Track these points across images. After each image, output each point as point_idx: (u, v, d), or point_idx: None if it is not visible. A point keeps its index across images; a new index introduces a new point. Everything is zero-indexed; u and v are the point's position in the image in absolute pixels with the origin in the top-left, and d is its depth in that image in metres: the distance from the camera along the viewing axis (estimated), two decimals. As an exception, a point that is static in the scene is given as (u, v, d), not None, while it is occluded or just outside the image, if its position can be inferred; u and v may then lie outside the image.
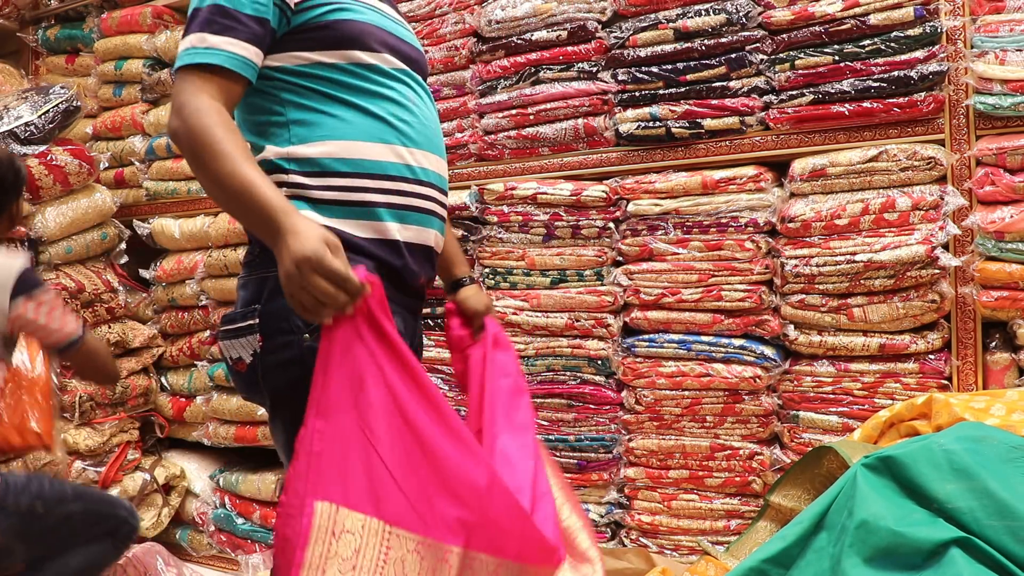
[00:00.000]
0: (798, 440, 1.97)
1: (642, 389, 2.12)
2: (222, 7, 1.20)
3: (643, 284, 2.10)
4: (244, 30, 1.20)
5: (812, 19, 1.90)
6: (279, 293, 1.24)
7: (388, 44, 1.34)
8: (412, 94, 1.36)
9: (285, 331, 1.26)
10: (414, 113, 1.34)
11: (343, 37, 1.29)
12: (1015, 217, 1.70)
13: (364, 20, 1.31)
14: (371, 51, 1.30)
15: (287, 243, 1.06)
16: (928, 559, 1.11)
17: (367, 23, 1.31)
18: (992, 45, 1.75)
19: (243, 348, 1.31)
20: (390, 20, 1.39)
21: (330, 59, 1.29)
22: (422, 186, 1.33)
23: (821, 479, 1.61)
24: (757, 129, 2.01)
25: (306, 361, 1.23)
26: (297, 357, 1.26)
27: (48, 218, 2.63)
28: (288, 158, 1.29)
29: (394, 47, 1.35)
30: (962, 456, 1.19)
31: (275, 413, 1.34)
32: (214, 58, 1.18)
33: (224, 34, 1.19)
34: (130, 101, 3.01)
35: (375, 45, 1.31)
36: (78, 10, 3.16)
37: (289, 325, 1.26)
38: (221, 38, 1.19)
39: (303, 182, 1.28)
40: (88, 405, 2.65)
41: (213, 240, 2.76)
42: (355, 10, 1.31)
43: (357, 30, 1.30)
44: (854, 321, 1.87)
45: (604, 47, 2.14)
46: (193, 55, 1.19)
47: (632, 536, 2.19)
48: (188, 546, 2.85)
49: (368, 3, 1.34)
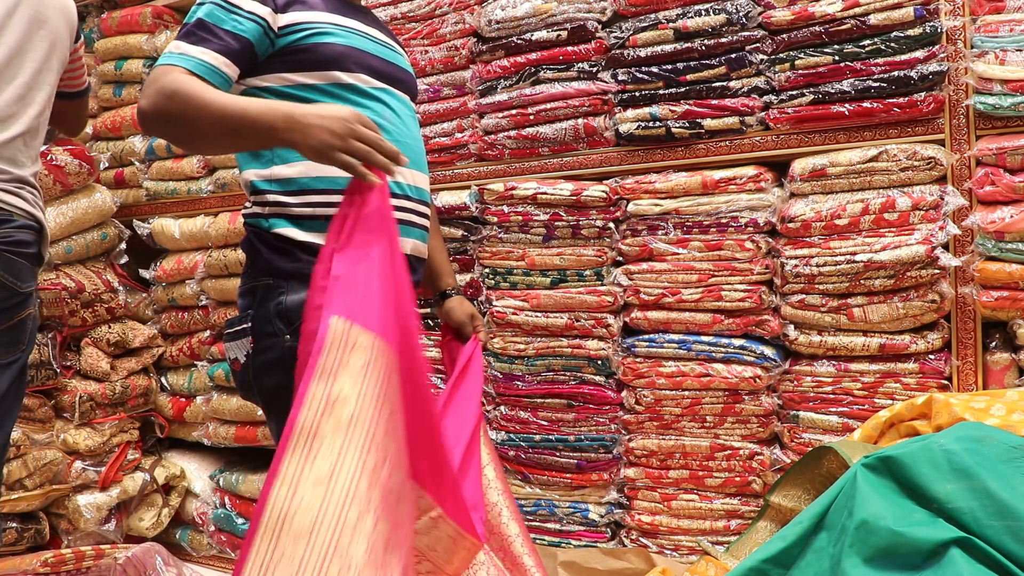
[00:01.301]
0: (798, 440, 1.97)
1: (642, 389, 2.12)
2: (203, 22, 1.34)
3: (643, 284, 2.10)
4: (218, 43, 1.33)
5: (812, 19, 1.90)
6: (266, 299, 1.40)
7: (368, 65, 1.46)
8: (389, 112, 1.48)
9: (270, 333, 1.38)
10: (388, 130, 1.45)
11: (323, 59, 1.41)
12: (1015, 217, 1.70)
13: (344, 43, 1.43)
14: (349, 71, 1.43)
15: (316, 114, 1.21)
16: (928, 559, 1.11)
17: (347, 46, 1.43)
18: (992, 45, 1.75)
19: (239, 350, 1.43)
20: (374, 43, 1.50)
21: (311, 80, 1.41)
22: (396, 199, 1.42)
23: (821, 479, 1.61)
24: (757, 129, 2.01)
25: (286, 362, 1.33)
26: (279, 358, 1.37)
27: (48, 218, 2.61)
28: (269, 179, 1.42)
29: (375, 68, 1.47)
30: (962, 456, 1.20)
31: (268, 411, 1.45)
32: (182, 61, 1.31)
33: (199, 44, 1.33)
34: (130, 101, 3.01)
35: (352, 66, 1.43)
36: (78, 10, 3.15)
37: (272, 328, 1.38)
38: (195, 47, 1.32)
39: (282, 200, 1.41)
40: (88, 405, 2.65)
41: (213, 240, 2.76)
42: (335, 34, 1.42)
43: (337, 52, 1.42)
44: (854, 321, 1.87)
45: (604, 47, 2.14)
46: (165, 58, 1.33)
47: (632, 536, 2.19)
48: (188, 546, 2.85)
49: (350, 27, 1.46)
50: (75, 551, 2.43)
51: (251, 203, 1.47)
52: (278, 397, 1.39)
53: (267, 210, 1.42)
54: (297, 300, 1.36)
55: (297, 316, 1.35)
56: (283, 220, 1.41)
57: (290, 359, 1.32)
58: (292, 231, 1.40)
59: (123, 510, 2.76)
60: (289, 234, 1.40)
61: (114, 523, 2.68)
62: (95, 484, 2.64)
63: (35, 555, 2.40)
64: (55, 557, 2.38)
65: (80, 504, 2.60)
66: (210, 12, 1.35)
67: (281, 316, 1.38)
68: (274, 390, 1.40)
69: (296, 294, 1.37)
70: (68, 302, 2.64)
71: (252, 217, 1.46)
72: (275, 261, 1.40)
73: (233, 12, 1.35)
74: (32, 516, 2.56)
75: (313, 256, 1.37)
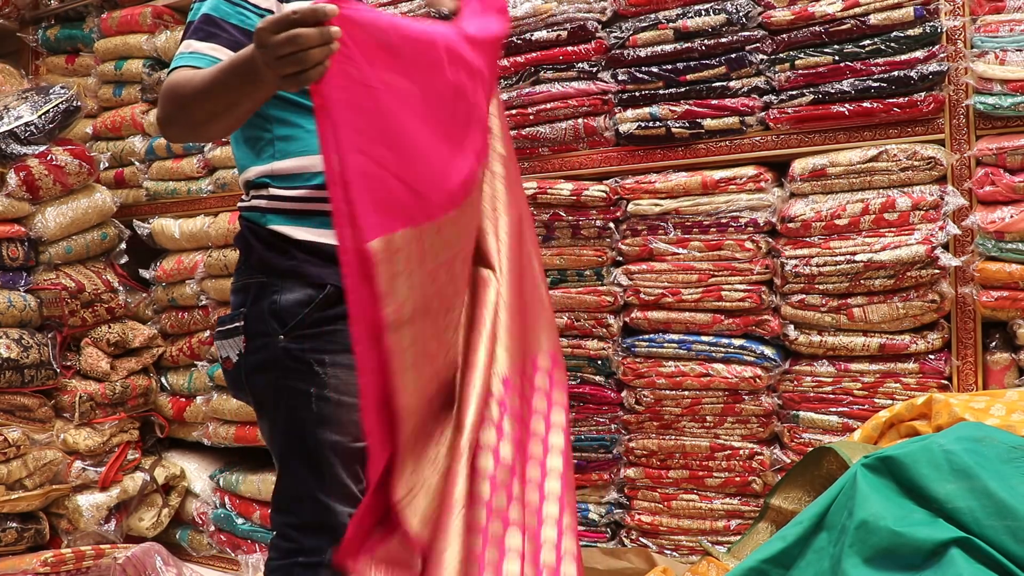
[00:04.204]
0: (798, 440, 1.97)
1: (642, 389, 2.12)
2: (210, 16, 1.34)
3: (643, 284, 2.10)
4: (227, 37, 1.33)
5: (812, 19, 1.90)
6: (260, 297, 1.38)
7: None
8: None
9: (263, 333, 1.37)
10: None
11: None
12: (1015, 217, 1.70)
13: None
14: None
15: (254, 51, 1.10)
16: (928, 559, 1.11)
17: None
18: (992, 45, 1.75)
19: (231, 348, 1.42)
20: None
21: None
22: None
23: (821, 480, 1.61)
24: (757, 129, 2.01)
25: (280, 362, 1.35)
26: (272, 358, 1.36)
27: (48, 218, 2.62)
28: (270, 174, 1.41)
29: None
30: (962, 456, 1.19)
31: (260, 411, 1.45)
32: (194, 60, 1.30)
33: (208, 40, 1.32)
34: (130, 101, 3.01)
35: None
36: (78, 10, 3.15)
37: (266, 327, 1.37)
38: (204, 44, 1.32)
39: (281, 194, 1.40)
40: (88, 405, 2.65)
41: (213, 240, 2.76)
42: None
43: None
44: (854, 321, 1.87)
45: (604, 47, 2.14)
46: (179, 59, 1.32)
47: (632, 536, 2.19)
48: (188, 546, 2.85)
49: None
50: (75, 551, 2.43)
51: (249, 197, 1.46)
52: (270, 397, 1.40)
53: (264, 204, 1.41)
54: (292, 300, 1.36)
55: (291, 316, 1.36)
56: (279, 216, 1.40)
57: (284, 359, 1.34)
58: (288, 228, 1.39)
59: (123, 510, 2.76)
60: (285, 231, 1.39)
61: (114, 523, 2.68)
62: (95, 484, 2.64)
63: (35, 555, 2.40)
64: (55, 557, 2.38)
65: (80, 504, 2.60)
66: (215, 6, 1.34)
67: (275, 315, 1.36)
68: (266, 390, 1.39)
69: (291, 293, 1.36)
70: (68, 302, 2.64)
71: (248, 212, 1.44)
72: (270, 258, 1.39)
73: (238, 5, 1.34)
74: (32, 516, 2.56)
75: (309, 254, 1.37)
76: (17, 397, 2.51)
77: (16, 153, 2.54)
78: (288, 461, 1.42)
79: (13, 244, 2.56)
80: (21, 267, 2.60)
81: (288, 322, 1.36)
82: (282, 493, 1.44)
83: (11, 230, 2.55)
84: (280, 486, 1.45)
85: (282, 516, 1.43)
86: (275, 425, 1.43)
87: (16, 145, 2.55)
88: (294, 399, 1.37)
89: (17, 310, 2.53)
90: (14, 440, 2.45)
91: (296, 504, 1.40)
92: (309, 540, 1.38)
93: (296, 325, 1.36)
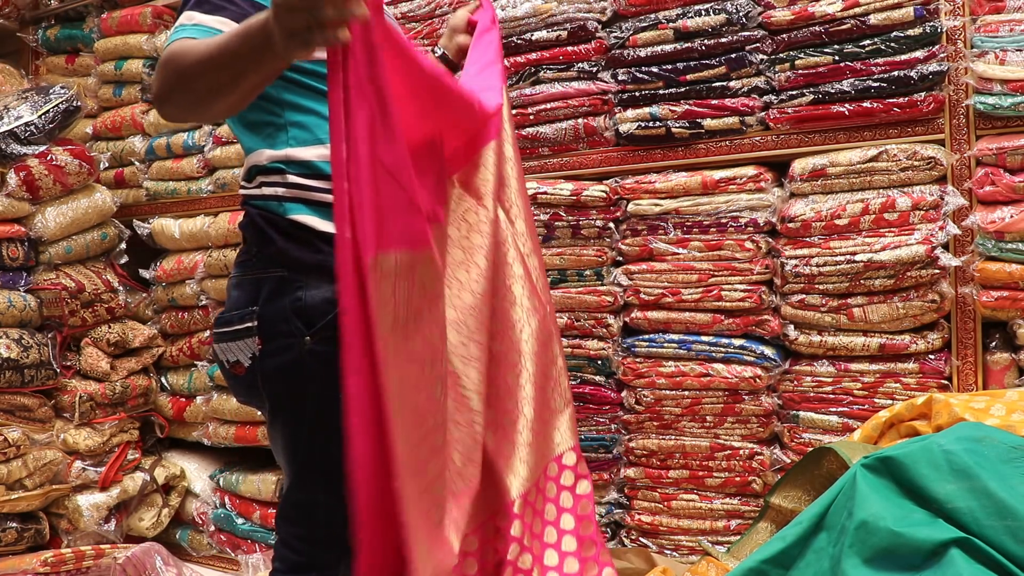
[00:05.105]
0: (798, 440, 1.97)
1: (642, 389, 2.12)
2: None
3: (643, 284, 2.10)
4: (235, 10, 1.19)
5: (812, 19, 1.90)
6: (278, 294, 1.25)
7: None
8: None
9: (285, 333, 1.24)
10: None
11: None
12: (1015, 217, 1.70)
13: None
14: None
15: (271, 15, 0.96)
16: (928, 559, 1.11)
17: None
18: (992, 45, 1.75)
19: (241, 351, 1.28)
20: None
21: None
22: None
23: (821, 480, 1.61)
24: (757, 129, 2.01)
25: (307, 364, 1.22)
26: (298, 360, 1.24)
27: (48, 218, 2.62)
28: (287, 160, 1.29)
29: None
30: (962, 456, 1.19)
31: (275, 417, 1.32)
32: (197, 32, 1.15)
33: (214, 13, 1.18)
34: (130, 101, 3.01)
35: None
36: (78, 10, 3.15)
37: (290, 327, 1.24)
38: (210, 16, 1.17)
39: (304, 183, 1.28)
40: (88, 405, 2.65)
41: (213, 240, 2.76)
42: None
43: None
44: (854, 321, 1.87)
45: (604, 47, 2.14)
46: (179, 31, 1.17)
47: (632, 536, 2.19)
48: (188, 546, 2.85)
49: None
50: (75, 551, 2.43)
51: (259, 183, 1.31)
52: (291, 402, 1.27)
53: (282, 191, 1.27)
54: (319, 297, 1.23)
55: (319, 315, 1.23)
56: (303, 206, 1.26)
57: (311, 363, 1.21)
58: (312, 219, 1.26)
59: (123, 510, 2.76)
60: (309, 222, 1.26)
61: (114, 523, 2.68)
62: (95, 484, 2.64)
63: (35, 555, 2.40)
64: (55, 557, 2.38)
65: (80, 504, 2.60)
66: None
67: (299, 314, 1.23)
68: (287, 395, 1.27)
69: (317, 290, 1.23)
70: (68, 302, 2.64)
71: (261, 200, 1.29)
72: (292, 251, 1.25)
73: None
74: (32, 516, 2.56)
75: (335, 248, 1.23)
76: (17, 397, 2.51)
77: (16, 153, 2.54)
78: (305, 471, 1.31)
79: (13, 244, 2.56)
80: (21, 267, 2.60)
81: (316, 322, 1.23)
82: (293, 503, 1.34)
83: (11, 230, 2.55)
84: (292, 496, 1.34)
85: (291, 526, 1.34)
86: (295, 434, 1.30)
87: (16, 145, 2.55)
88: (322, 407, 1.22)
89: (17, 310, 2.53)
90: (14, 440, 2.45)
91: (308, 516, 1.31)
92: (321, 554, 1.30)
93: (325, 326, 1.22)
